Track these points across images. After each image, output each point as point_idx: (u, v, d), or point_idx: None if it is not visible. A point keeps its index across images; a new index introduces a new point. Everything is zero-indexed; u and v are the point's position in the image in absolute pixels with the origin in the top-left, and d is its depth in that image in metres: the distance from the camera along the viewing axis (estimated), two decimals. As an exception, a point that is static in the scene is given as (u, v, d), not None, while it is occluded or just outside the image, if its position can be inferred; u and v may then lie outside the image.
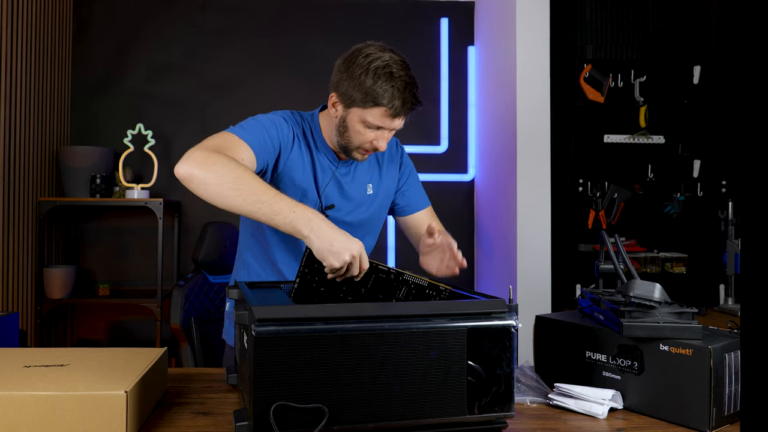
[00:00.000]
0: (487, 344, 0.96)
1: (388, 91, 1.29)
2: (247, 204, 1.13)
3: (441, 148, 3.37)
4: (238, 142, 1.26)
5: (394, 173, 1.59)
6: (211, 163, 1.14)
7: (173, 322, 1.98)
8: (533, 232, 2.59)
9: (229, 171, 1.14)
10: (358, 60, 1.31)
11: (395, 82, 1.29)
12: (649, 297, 1.11)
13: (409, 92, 1.31)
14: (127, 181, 3.00)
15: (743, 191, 0.53)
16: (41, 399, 0.89)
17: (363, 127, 1.35)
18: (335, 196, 1.47)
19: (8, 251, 2.62)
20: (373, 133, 1.36)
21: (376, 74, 1.29)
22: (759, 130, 0.51)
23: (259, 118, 1.38)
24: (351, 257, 1.07)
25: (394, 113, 1.32)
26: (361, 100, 1.31)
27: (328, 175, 1.46)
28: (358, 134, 1.36)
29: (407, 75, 1.32)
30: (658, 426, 1.05)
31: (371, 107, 1.31)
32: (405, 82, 1.30)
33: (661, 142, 2.83)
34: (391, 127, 1.36)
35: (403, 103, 1.31)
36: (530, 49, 2.62)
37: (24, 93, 2.73)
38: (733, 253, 2.55)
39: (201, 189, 1.15)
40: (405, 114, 1.34)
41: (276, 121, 1.39)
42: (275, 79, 3.28)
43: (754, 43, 0.52)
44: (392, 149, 1.60)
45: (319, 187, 1.45)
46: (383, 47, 1.34)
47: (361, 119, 1.34)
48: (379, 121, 1.33)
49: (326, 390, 0.89)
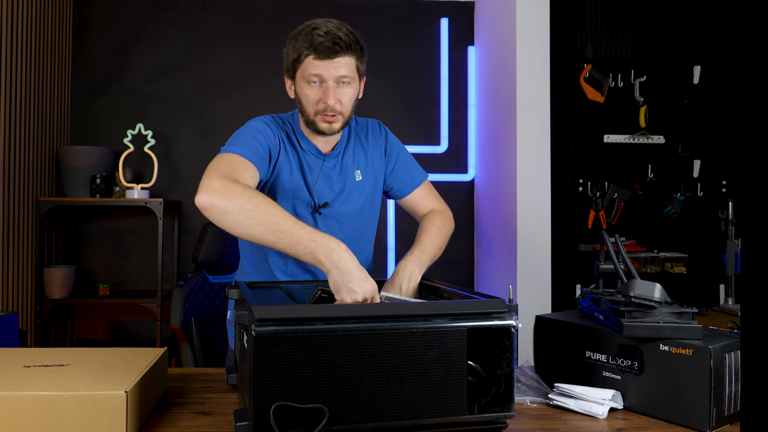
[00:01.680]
0: (487, 344, 0.96)
1: (309, 36, 1.33)
2: (267, 233, 1.13)
3: (441, 148, 3.37)
4: (241, 162, 1.28)
5: (380, 156, 1.57)
6: (230, 192, 1.15)
7: (173, 322, 1.98)
8: (533, 232, 2.59)
9: (248, 200, 1.14)
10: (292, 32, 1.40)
11: (317, 30, 1.34)
12: (649, 297, 1.11)
13: (333, 35, 1.33)
14: (127, 181, 3.00)
15: (743, 191, 0.53)
16: (41, 399, 0.89)
17: (307, 85, 1.36)
18: (326, 191, 1.47)
19: (8, 251, 2.62)
20: (317, 90, 1.36)
21: (301, 31, 1.36)
22: (759, 130, 0.51)
23: (246, 132, 1.39)
24: (363, 298, 1.09)
25: (319, 55, 1.32)
26: (294, 59, 1.36)
27: (316, 172, 1.47)
28: (307, 97, 1.37)
29: (334, 26, 1.35)
30: (658, 426, 1.05)
31: (303, 60, 1.35)
32: (328, 28, 1.34)
33: (661, 142, 2.83)
34: (330, 75, 1.34)
35: (324, 44, 1.32)
36: (530, 49, 2.62)
37: (24, 93, 2.73)
38: (733, 253, 2.55)
39: (221, 218, 1.15)
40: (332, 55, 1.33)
41: (261, 129, 1.41)
42: (275, 79, 3.27)
43: (754, 43, 0.52)
44: (375, 132, 1.58)
45: (309, 186, 1.46)
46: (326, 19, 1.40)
47: (302, 77, 1.36)
48: (312, 68, 1.34)
49: (326, 390, 0.89)
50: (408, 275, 1.34)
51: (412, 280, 1.34)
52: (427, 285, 1.33)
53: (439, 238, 1.48)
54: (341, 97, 1.38)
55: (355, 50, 1.37)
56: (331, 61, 1.34)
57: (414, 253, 1.39)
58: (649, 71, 2.83)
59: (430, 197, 1.61)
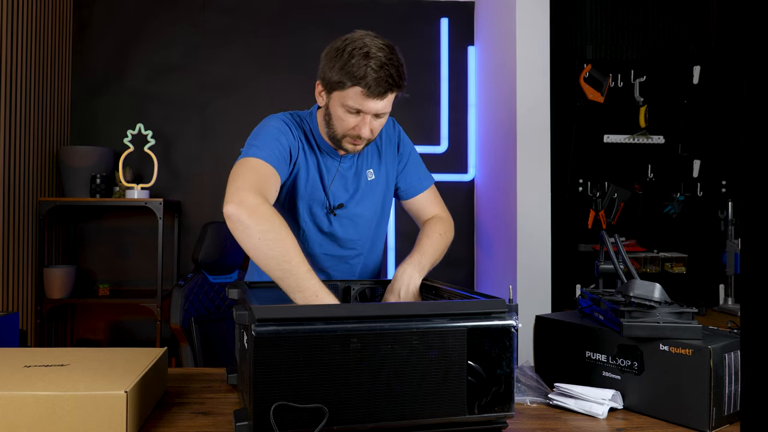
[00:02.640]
0: (487, 344, 0.96)
1: (362, 68, 1.26)
2: (277, 269, 1.14)
3: (441, 148, 3.37)
4: (267, 170, 1.28)
5: (392, 155, 1.55)
6: (260, 215, 1.16)
7: (173, 322, 1.98)
8: (533, 232, 2.59)
9: (271, 229, 1.15)
10: (337, 44, 1.32)
11: (370, 60, 1.26)
12: (649, 297, 1.11)
13: (385, 72, 1.27)
14: (127, 181, 3.00)
15: (743, 191, 0.53)
16: (41, 399, 0.89)
17: (344, 112, 1.32)
18: (341, 192, 1.47)
19: (8, 251, 2.62)
20: (354, 118, 1.33)
21: (351, 54, 1.27)
22: (759, 130, 0.51)
23: (269, 130, 1.36)
24: None
25: (369, 92, 1.27)
26: (337, 81, 1.30)
27: (332, 173, 1.46)
28: (340, 120, 1.34)
29: (386, 56, 1.28)
30: (658, 426, 1.05)
31: (348, 88, 1.29)
32: (381, 61, 1.27)
33: (661, 142, 2.83)
34: (370, 110, 1.31)
35: (377, 82, 1.27)
36: (530, 49, 2.62)
37: (24, 93, 2.73)
38: (733, 253, 2.55)
39: (242, 236, 1.17)
40: (380, 94, 1.29)
41: (282, 129, 1.38)
42: (275, 79, 3.28)
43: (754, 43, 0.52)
44: (389, 130, 1.56)
45: (325, 187, 1.45)
46: (368, 34, 1.32)
47: (342, 103, 1.32)
48: (357, 102, 1.30)
49: (326, 390, 0.89)
50: (407, 280, 1.33)
51: (412, 284, 1.33)
52: (428, 285, 1.34)
53: (441, 244, 1.46)
54: (374, 127, 1.36)
55: (402, 86, 1.33)
56: (378, 101, 1.30)
57: (413, 256, 1.38)
58: (649, 71, 2.83)
59: (435, 203, 1.59)
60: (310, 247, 1.49)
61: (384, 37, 1.35)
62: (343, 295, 1.40)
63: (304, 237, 1.48)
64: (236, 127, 3.25)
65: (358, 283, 1.41)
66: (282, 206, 1.46)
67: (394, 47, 1.32)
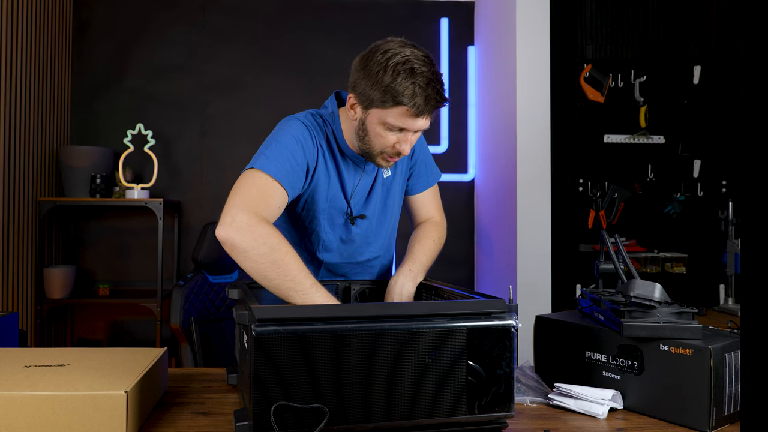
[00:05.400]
0: (487, 344, 0.96)
1: (409, 88, 1.19)
2: (281, 289, 1.13)
3: (441, 148, 3.37)
4: (271, 187, 1.21)
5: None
6: (255, 235, 1.12)
7: (173, 322, 1.98)
8: (533, 232, 2.59)
9: (270, 250, 1.12)
10: (376, 57, 1.22)
11: (416, 78, 1.19)
12: (649, 297, 1.11)
13: (432, 89, 1.20)
14: (127, 181, 3.00)
15: (743, 191, 0.53)
16: (41, 399, 0.89)
17: (384, 129, 1.26)
18: (362, 198, 1.43)
19: (8, 251, 2.62)
20: (395, 135, 1.27)
21: (395, 71, 1.19)
22: (759, 130, 0.51)
23: (285, 139, 1.28)
24: None
25: (417, 112, 1.21)
26: (380, 99, 1.22)
27: (355, 180, 1.41)
28: (379, 137, 1.27)
29: (430, 71, 1.21)
30: (658, 426, 1.05)
31: (391, 107, 1.22)
32: (427, 78, 1.20)
33: (661, 142, 2.83)
34: (414, 128, 1.26)
35: (425, 101, 1.20)
36: (530, 49, 2.62)
37: (24, 93, 2.73)
38: (733, 253, 2.55)
39: (239, 259, 1.14)
40: (429, 113, 1.24)
41: (300, 137, 1.29)
42: (275, 79, 3.28)
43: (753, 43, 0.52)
44: None
45: (347, 196, 1.40)
46: (404, 43, 1.24)
47: (381, 121, 1.25)
48: (400, 121, 1.23)
49: (326, 390, 0.89)
50: (399, 291, 1.32)
51: (405, 292, 1.32)
52: (427, 285, 1.34)
53: (433, 250, 1.44)
54: (413, 142, 1.31)
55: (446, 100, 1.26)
56: (423, 120, 1.25)
57: (405, 265, 1.36)
58: (649, 71, 2.83)
59: (434, 204, 1.55)
60: (331, 256, 1.44)
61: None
62: (343, 295, 1.40)
63: (323, 246, 1.42)
64: (236, 127, 3.25)
65: (359, 283, 1.41)
66: (299, 216, 1.41)
67: (431, 57, 1.25)
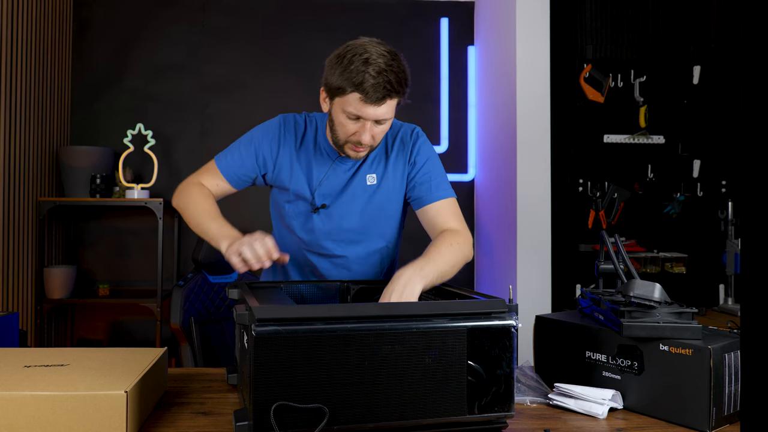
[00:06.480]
0: (487, 344, 0.96)
1: (360, 74, 1.26)
2: (198, 230, 1.41)
3: (441, 148, 3.37)
4: (213, 171, 1.51)
5: (402, 164, 1.51)
6: (183, 193, 1.48)
7: (173, 322, 1.98)
8: (533, 232, 2.59)
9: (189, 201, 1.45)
10: (339, 50, 1.33)
11: (369, 67, 1.26)
12: (649, 297, 1.11)
13: (384, 78, 1.26)
14: (127, 181, 3.00)
15: (743, 191, 0.53)
16: (41, 399, 0.89)
17: (345, 117, 1.33)
18: (329, 191, 1.48)
19: (8, 251, 2.62)
20: (354, 124, 1.34)
21: (350, 61, 1.28)
22: (759, 130, 0.51)
23: (243, 139, 1.51)
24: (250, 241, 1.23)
25: (366, 98, 1.27)
26: (337, 87, 1.30)
27: (323, 172, 1.47)
28: (342, 126, 1.35)
29: (386, 63, 1.27)
30: (658, 426, 1.05)
31: (347, 94, 1.29)
32: (380, 67, 1.27)
33: (661, 142, 2.83)
34: (369, 117, 1.31)
35: (374, 88, 1.26)
36: (530, 49, 2.62)
37: (24, 93, 2.73)
38: (733, 253, 2.55)
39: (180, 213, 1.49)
40: (378, 100, 1.28)
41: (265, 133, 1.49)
42: (275, 79, 3.28)
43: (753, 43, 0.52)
44: (405, 138, 1.53)
45: (312, 187, 1.48)
46: (371, 40, 1.32)
47: (342, 109, 1.33)
48: (356, 108, 1.30)
49: (326, 390, 0.89)
50: (404, 283, 1.17)
51: (408, 289, 1.16)
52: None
53: (450, 254, 1.30)
54: (376, 133, 1.36)
55: (402, 93, 1.32)
56: (376, 107, 1.30)
57: (417, 262, 1.24)
58: (649, 71, 2.83)
59: (449, 216, 1.47)
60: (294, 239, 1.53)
61: (384, 37, 1.34)
62: (343, 296, 1.40)
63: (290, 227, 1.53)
64: (236, 127, 3.25)
65: (359, 283, 1.41)
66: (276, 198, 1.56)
67: (396, 54, 1.32)
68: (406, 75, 1.32)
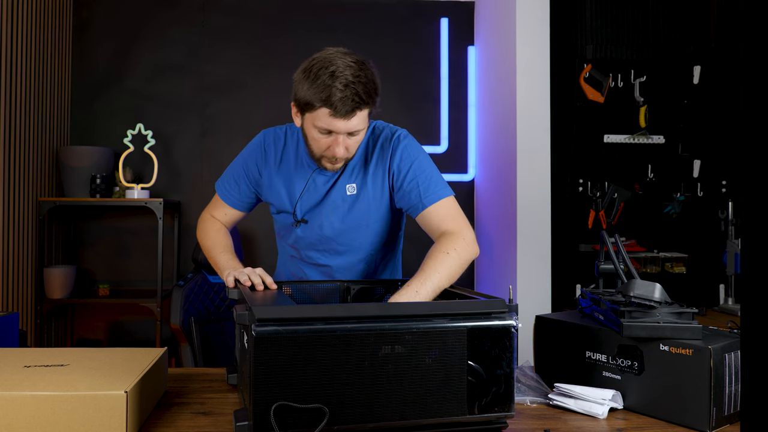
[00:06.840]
0: (487, 344, 0.96)
1: (327, 89, 1.24)
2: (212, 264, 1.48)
3: (441, 148, 3.37)
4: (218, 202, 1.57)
5: (382, 172, 1.44)
6: (200, 228, 1.58)
7: (173, 322, 1.98)
8: (533, 232, 2.59)
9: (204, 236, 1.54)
10: (306, 65, 1.31)
11: (335, 80, 1.24)
12: (649, 297, 1.11)
13: (351, 90, 1.24)
14: (127, 181, 3.00)
15: (743, 191, 0.53)
16: (41, 399, 0.89)
17: (317, 132, 1.32)
18: (309, 204, 1.47)
19: (8, 251, 2.62)
20: (326, 139, 1.32)
21: (317, 75, 1.26)
22: (759, 130, 0.51)
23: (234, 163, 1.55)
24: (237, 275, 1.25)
25: (335, 112, 1.26)
26: (306, 102, 1.29)
27: (302, 185, 1.46)
28: (315, 141, 1.34)
29: (353, 74, 1.25)
30: (658, 426, 1.05)
31: (316, 109, 1.28)
32: (346, 80, 1.24)
33: (661, 142, 2.83)
34: (341, 130, 1.29)
35: (342, 102, 1.24)
36: (530, 49, 2.62)
37: (24, 93, 2.73)
38: (733, 253, 2.55)
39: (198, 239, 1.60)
40: (347, 113, 1.26)
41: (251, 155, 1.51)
42: (275, 79, 3.28)
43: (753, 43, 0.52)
44: (385, 144, 1.45)
45: (292, 201, 1.48)
46: (337, 51, 1.30)
47: (313, 124, 1.31)
48: (326, 123, 1.28)
49: (326, 390, 0.89)
50: None
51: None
52: None
53: (448, 263, 1.26)
54: (349, 146, 1.35)
55: (371, 103, 1.31)
56: (346, 120, 1.28)
57: (411, 285, 1.19)
58: (649, 71, 2.83)
59: (444, 218, 1.40)
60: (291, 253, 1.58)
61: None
62: (343, 296, 1.40)
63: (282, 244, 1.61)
64: (236, 127, 3.25)
65: (359, 283, 1.41)
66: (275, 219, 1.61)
67: (365, 63, 1.29)
68: (376, 84, 1.30)
